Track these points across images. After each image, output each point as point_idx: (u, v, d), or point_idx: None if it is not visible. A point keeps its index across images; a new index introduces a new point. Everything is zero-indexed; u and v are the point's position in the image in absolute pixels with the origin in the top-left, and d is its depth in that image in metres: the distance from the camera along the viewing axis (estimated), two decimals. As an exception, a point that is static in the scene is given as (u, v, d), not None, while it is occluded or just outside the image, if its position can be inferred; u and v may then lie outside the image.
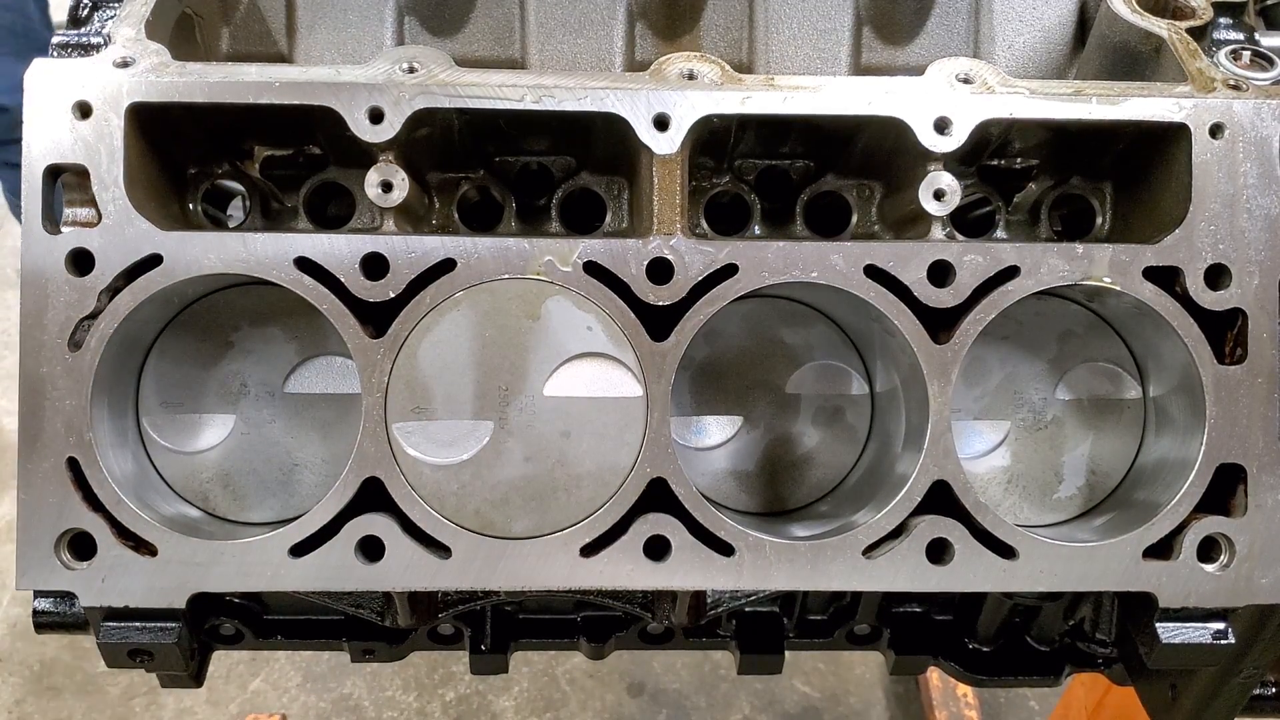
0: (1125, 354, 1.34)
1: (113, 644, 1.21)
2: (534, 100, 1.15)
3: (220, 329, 1.24)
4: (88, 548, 1.12)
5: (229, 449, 1.26)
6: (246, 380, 1.25)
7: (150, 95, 1.12)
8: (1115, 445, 1.34)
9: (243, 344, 1.25)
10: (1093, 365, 1.34)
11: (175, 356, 1.24)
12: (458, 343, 1.18)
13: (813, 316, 1.34)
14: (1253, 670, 1.36)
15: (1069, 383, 1.34)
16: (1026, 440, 1.34)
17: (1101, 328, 1.33)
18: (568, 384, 1.18)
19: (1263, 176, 1.17)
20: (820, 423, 1.35)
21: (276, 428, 1.25)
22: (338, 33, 1.42)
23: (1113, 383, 1.34)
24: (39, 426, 1.11)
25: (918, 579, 1.15)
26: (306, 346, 1.24)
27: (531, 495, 1.18)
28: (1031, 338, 1.33)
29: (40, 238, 1.11)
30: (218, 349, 1.25)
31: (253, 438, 1.26)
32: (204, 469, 1.26)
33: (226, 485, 1.26)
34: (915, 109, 1.16)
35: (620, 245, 1.14)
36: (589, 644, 1.50)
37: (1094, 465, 1.35)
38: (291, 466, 1.26)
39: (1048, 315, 1.33)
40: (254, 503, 1.26)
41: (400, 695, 3.47)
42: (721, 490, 1.34)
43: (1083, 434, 1.34)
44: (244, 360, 1.25)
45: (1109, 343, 1.34)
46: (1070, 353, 1.34)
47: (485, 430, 1.17)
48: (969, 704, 3.29)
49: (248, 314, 1.24)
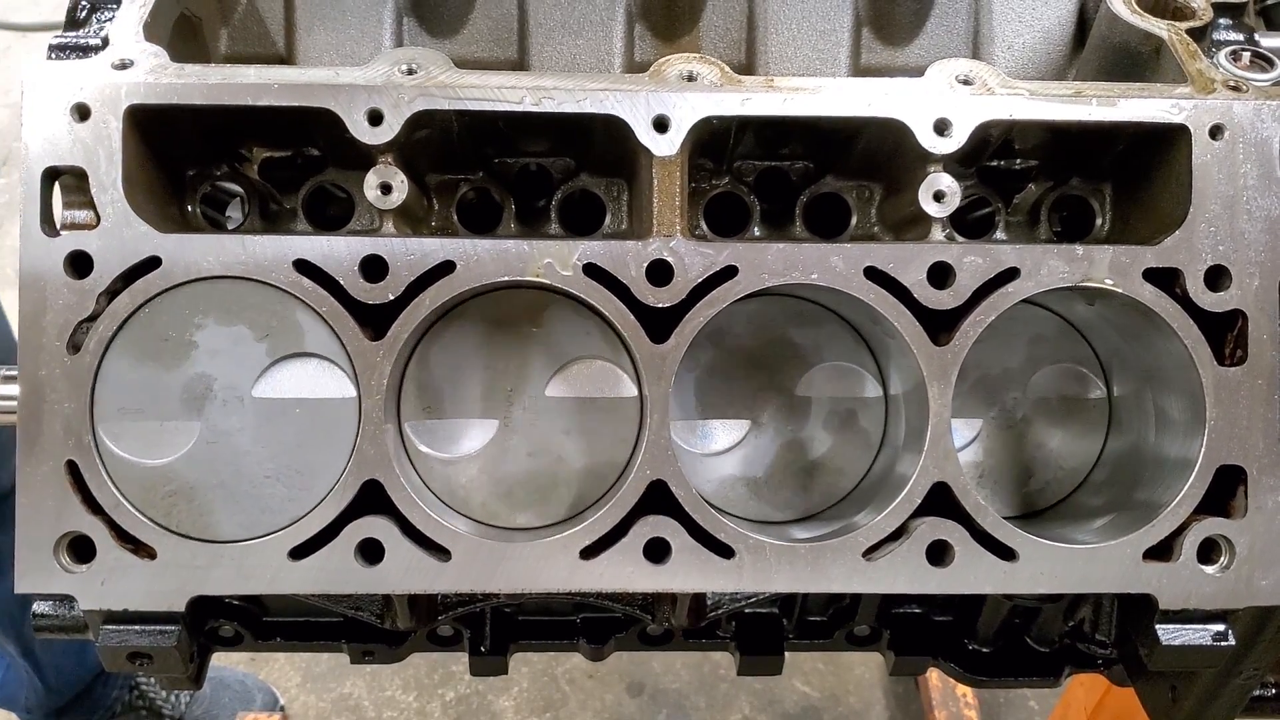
0: (1090, 355, 1.36)
1: (112, 647, 1.21)
2: (533, 102, 1.15)
3: (182, 326, 1.13)
4: (87, 551, 1.12)
5: (193, 459, 1.14)
6: (212, 384, 1.15)
7: (148, 97, 1.12)
8: (1081, 443, 1.37)
9: (208, 344, 1.14)
10: (1059, 367, 1.36)
11: (133, 357, 1.13)
12: (465, 347, 1.22)
13: (823, 315, 1.31)
14: (1253, 672, 1.36)
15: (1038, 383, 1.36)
16: (998, 437, 1.37)
17: (1069, 332, 1.35)
18: (568, 385, 1.24)
19: (1263, 178, 1.16)
20: (832, 427, 1.32)
21: (245, 436, 1.15)
22: (336, 34, 1.42)
23: (1079, 383, 1.37)
24: (38, 429, 1.11)
25: (918, 581, 1.15)
26: (278, 346, 1.14)
27: (534, 489, 1.24)
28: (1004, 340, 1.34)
29: (38, 240, 1.11)
30: (180, 349, 1.14)
31: (219, 447, 1.15)
32: (166, 481, 1.14)
33: (191, 500, 1.14)
34: (915, 110, 1.15)
35: (620, 247, 1.14)
36: (588, 645, 1.50)
37: (1060, 462, 1.38)
38: (261, 479, 1.15)
39: (1020, 319, 1.33)
40: (221, 518, 1.15)
41: (400, 695, 3.47)
42: (729, 496, 1.32)
43: (1049, 432, 1.37)
44: (209, 362, 1.14)
45: (1075, 345, 1.36)
46: (1039, 355, 1.36)
47: (491, 428, 1.23)
48: (968, 704, 3.29)
49: (213, 310, 1.13)
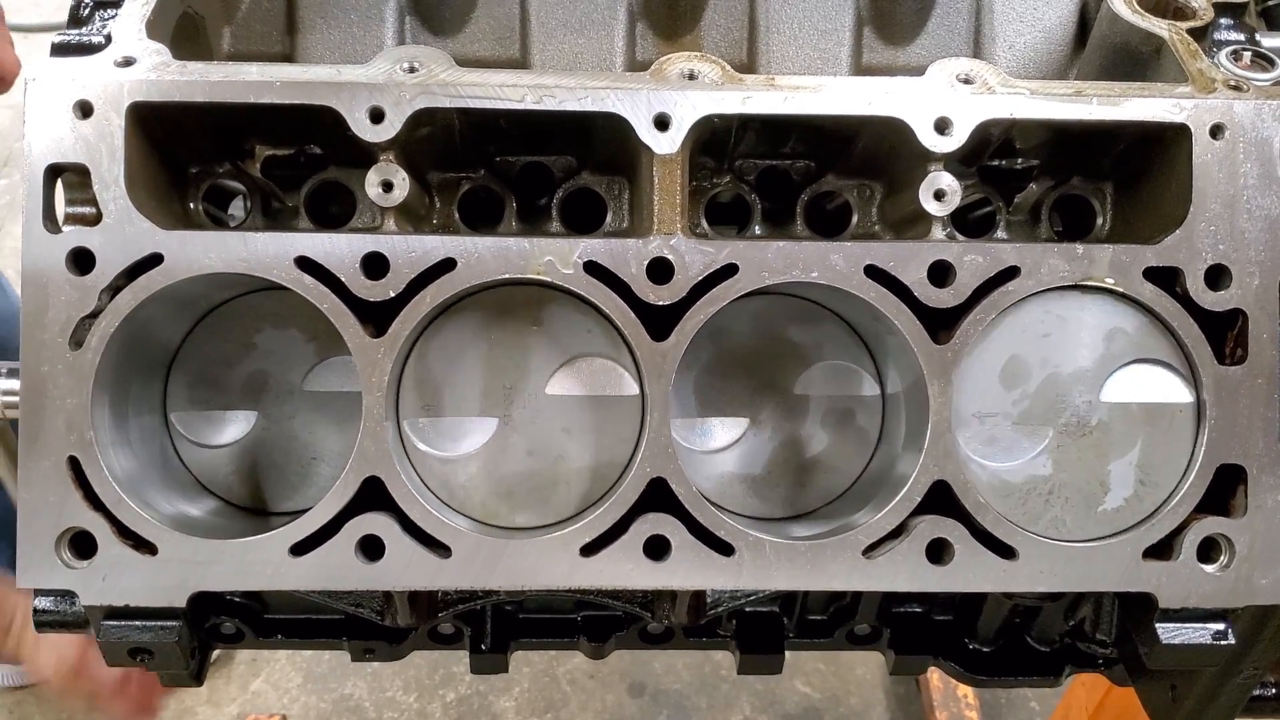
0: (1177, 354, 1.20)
1: (113, 643, 1.21)
2: (535, 100, 1.15)
3: (243, 331, 1.30)
4: (88, 546, 1.12)
5: (251, 443, 1.31)
6: (268, 379, 1.31)
7: (151, 95, 1.13)
8: (1168, 452, 1.20)
9: (265, 345, 1.30)
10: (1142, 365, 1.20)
11: (201, 357, 1.30)
12: (465, 344, 1.23)
13: (822, 314, 1.32)
14: (1253, 671, 1.36)
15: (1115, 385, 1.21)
16: (1070, 447, 1.22)
17: (1154, 325, 1.20)
18: (569, 383, 1.24)
19: (1263, 177, 1.17)
20: (830, 425, 1.32)
21: (296, 423, 1.31)
22: (339, 32, 1.43)
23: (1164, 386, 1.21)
24: (40, 425, 1.11)
25: (918, 579, 1.15)
26: (324, 348, 1.30)
27: (534, 487, 1.25)
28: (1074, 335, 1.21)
29: (41, 237, 1.11)
30: (241, 350, 1.30)
31: (274, 432, 1.31)
32: (227, 462, 1.31)
33: (249, 478, 1.31)
34: (916, 109, 1.16)
35: (620, 245, 1.14)
36: (589, 643, 1.50)
37: (1143, 474, 1.21)
38: (310, 460, 1.31)
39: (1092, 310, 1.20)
40: (275, 494, 1.31)
41: (401, 696, 3.47)
42: (728, 494, 1.33)
43: (1130, 440, 1.21)
44: (266, 360, 1.31)
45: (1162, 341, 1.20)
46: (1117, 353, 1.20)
47: (490, 426, 1.24)
48: (969, 704, 3.29)
49: (269, 317, 1.30)
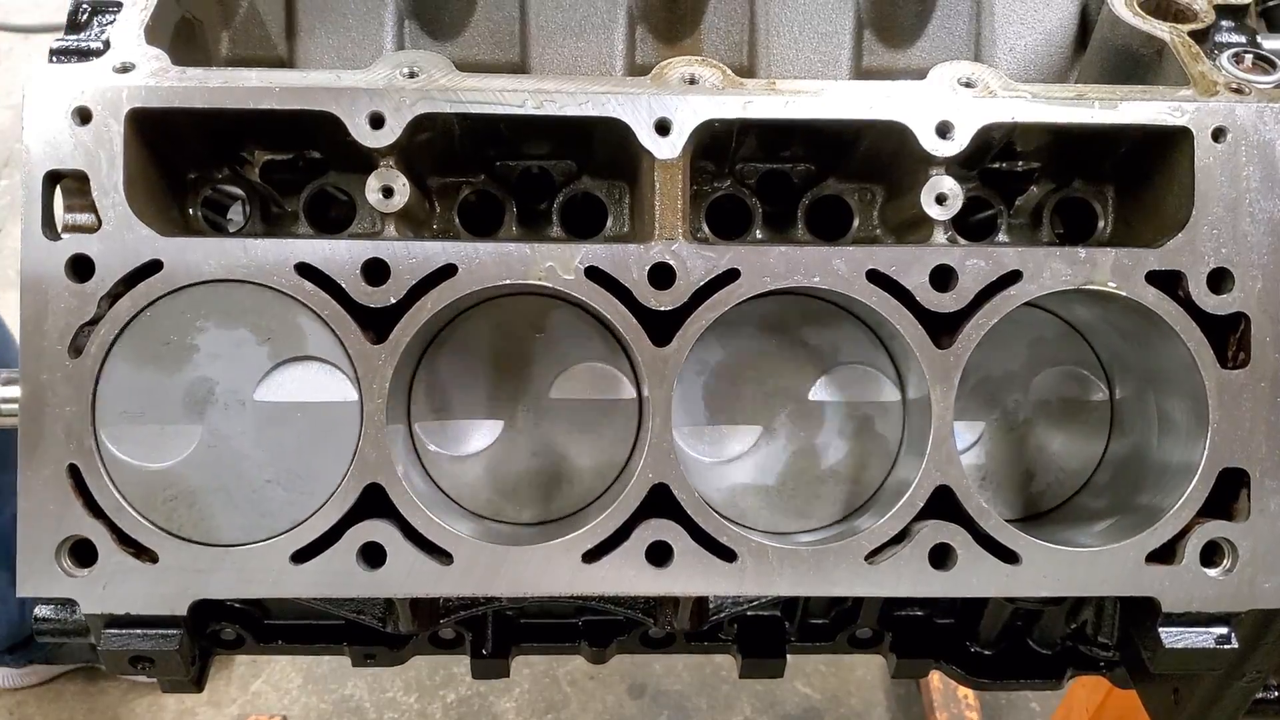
0: (1091, 358, 1.35)
1: (114, 651, 1.20)
2: (535, 105, 1.15)
3: (185, 330, 1.13)
4: (89, 555, 1.12)
5: (193, 463, 1.14)
6: (214, 388, 1.14)
7: (150, 101, 1.12)
8: (1083, 446, 1.36)
9: (209, 347, 1.13)
10: (1061, 369, 1.34)
11: (135, 360, 1.12)
12: (473, 349, 1.25)
13: (837, 315, 1.27)
14: (1256, 674, 1.36)
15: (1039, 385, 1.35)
16: (1000, 440, 1.36)
17: (1070, 334, 1.34)
18: (571, 388, 1.27)
19: (1266, 180, 1.16)
20: (847, 433, 1.29)
21: (246, 440, 1.14)
22: (338, 37, 1.42)
23: (1080, 386, 1.35)
24: (39, 433, 1.10)
25: (920, 584, 1.15)
26: (280, 350, 1.13)
27: (538, 486, 1.28)
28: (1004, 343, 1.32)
29: (39, 243, 1.11)
30: (181, 353, 1.13)
31: (220, 451, 1.14)
32: (166, 485, 1.14)
33: (192, 504, 1.14)
34: (917, 113, 1.15)
35: (622, 250, 1.14)
36: (590, 648, 1.50)
37: (1062, 464, 1.36)
38: (262, 483, 1.14)
39: (1022, 322, 1.32)
40: (222, 522, 1.14)
41: (401, 697, 3.47)
42: (739, 506, 1.30)
43: (1051, 434, 1.36)
44: (211, 365, 1.14)
45: (1077, 347, 1.35)
46: (1041, 357, 1.34)
47: (496, 428, 1.27)
48: (970, 706, 3.28)
49: (214, 313, 1.13)
